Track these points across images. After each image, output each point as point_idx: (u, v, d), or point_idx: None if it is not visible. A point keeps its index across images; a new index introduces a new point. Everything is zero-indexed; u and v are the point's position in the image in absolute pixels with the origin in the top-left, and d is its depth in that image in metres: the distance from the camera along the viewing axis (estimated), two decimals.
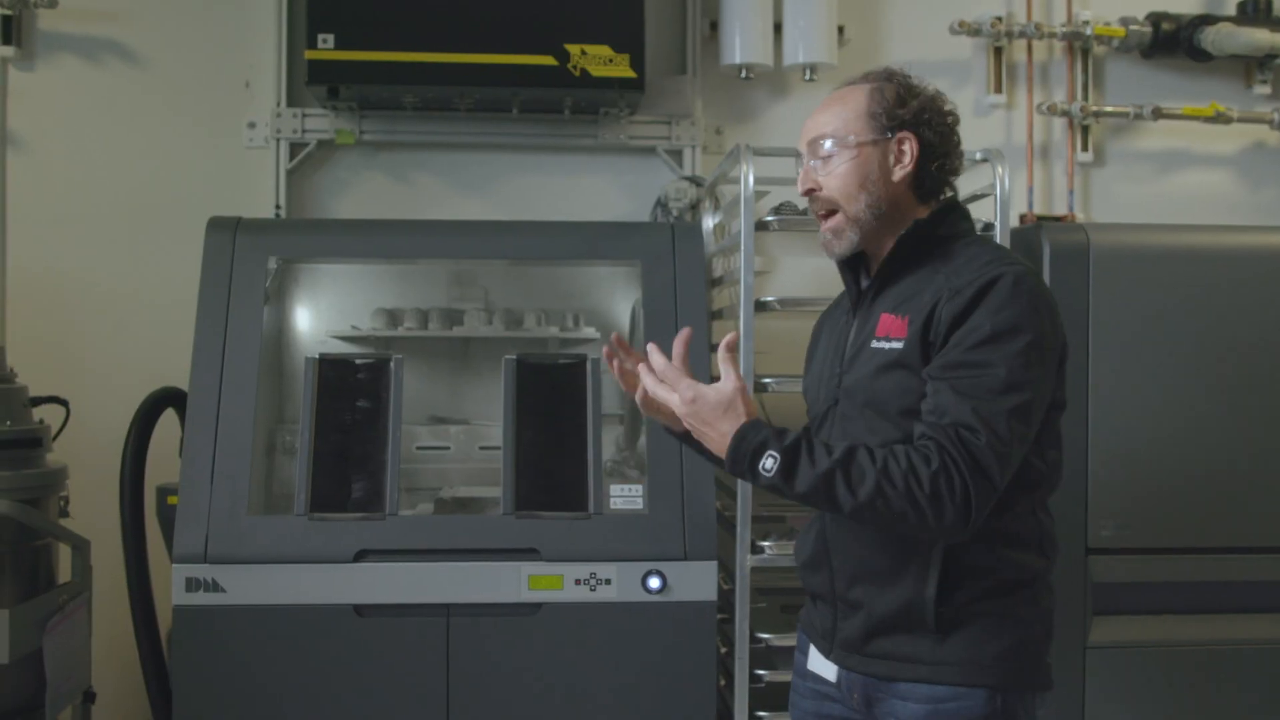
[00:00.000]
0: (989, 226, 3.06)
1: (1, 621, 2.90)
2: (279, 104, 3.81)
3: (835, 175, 2.07)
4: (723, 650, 3.12)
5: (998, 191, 3.02)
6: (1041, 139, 4.12)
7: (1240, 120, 4.07)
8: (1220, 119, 4.04)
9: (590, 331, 3.40)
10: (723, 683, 3.15)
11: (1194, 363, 3.05)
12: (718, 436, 1.99)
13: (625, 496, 2.94)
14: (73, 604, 3.17)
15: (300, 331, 3.47)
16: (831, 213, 2.09)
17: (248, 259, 3.05)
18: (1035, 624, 2.08)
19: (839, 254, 2.11)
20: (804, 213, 3.22)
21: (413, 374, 3.31)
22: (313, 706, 2.84)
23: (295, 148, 3.82)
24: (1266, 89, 4.16)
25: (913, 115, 2.07)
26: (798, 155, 2.14)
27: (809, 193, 2.11)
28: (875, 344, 2.06)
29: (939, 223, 2.09)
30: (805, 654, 2.29)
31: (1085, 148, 4.10)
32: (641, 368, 2.07)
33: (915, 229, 2.07)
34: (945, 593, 2.01)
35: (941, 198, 2.12)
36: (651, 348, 2.06)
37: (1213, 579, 3.04)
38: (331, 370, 2.99)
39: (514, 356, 3.01)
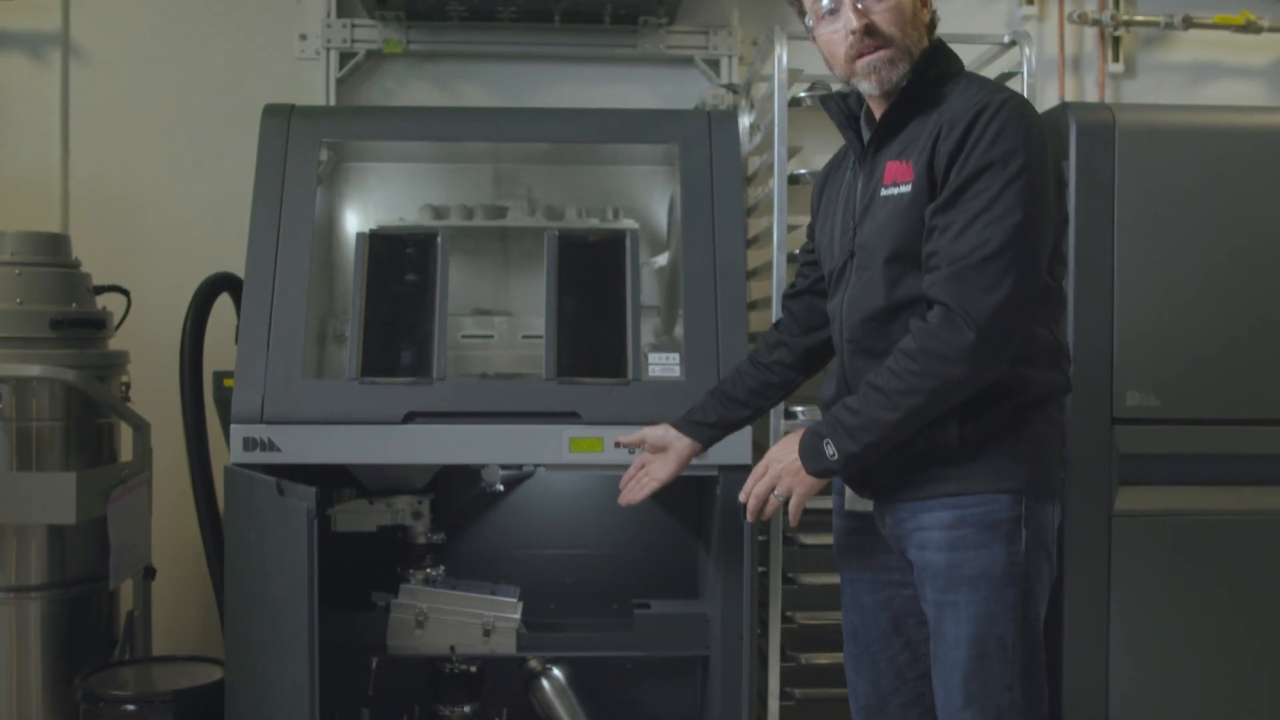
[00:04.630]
0: None
1: (69, 483, 3.04)
2: (329, 14, 3.94)
3: (890, 9, 2.16)
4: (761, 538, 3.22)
5: (1025, 71, 3.10)
6: (1073, 50, 4.18)
7: (1270, 30, 4.11)
8: (1251, 28, 4.08)
9: (629, 223, 3.49)
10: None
11: (1223, 237, 3.07)
12: (795, 461, 2.17)
13: (663, 364, 3.05)
14: (135, 479, 3.31)
15: (349, 230, 3.59)
16: (881, 47, 2.16)
17: (301, 142, 3.17)
18: (1053, 437, 2.19)
19: (891, 83, 2.17)
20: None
21: (457, 268, 3.41)
22: None
23: (344, 58, 3.95)
24: None
25: None
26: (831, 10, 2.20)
27: (865, 27, 2.15)
28: (885, 192, 2.17)
29: (930, 64, 2.18)
30: (842, 495, 2.41)
31: (1116, 59, 4.16)
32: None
33: (913, 76, 2.17)
34: (968, 420, 2.11)
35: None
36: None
37: (1239, 451, 3.08)
38: (381, 245, 3.11)
39: (555, 231, 3.12)
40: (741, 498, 2.27)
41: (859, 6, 2.16)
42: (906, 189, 2.13)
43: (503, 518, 3.42)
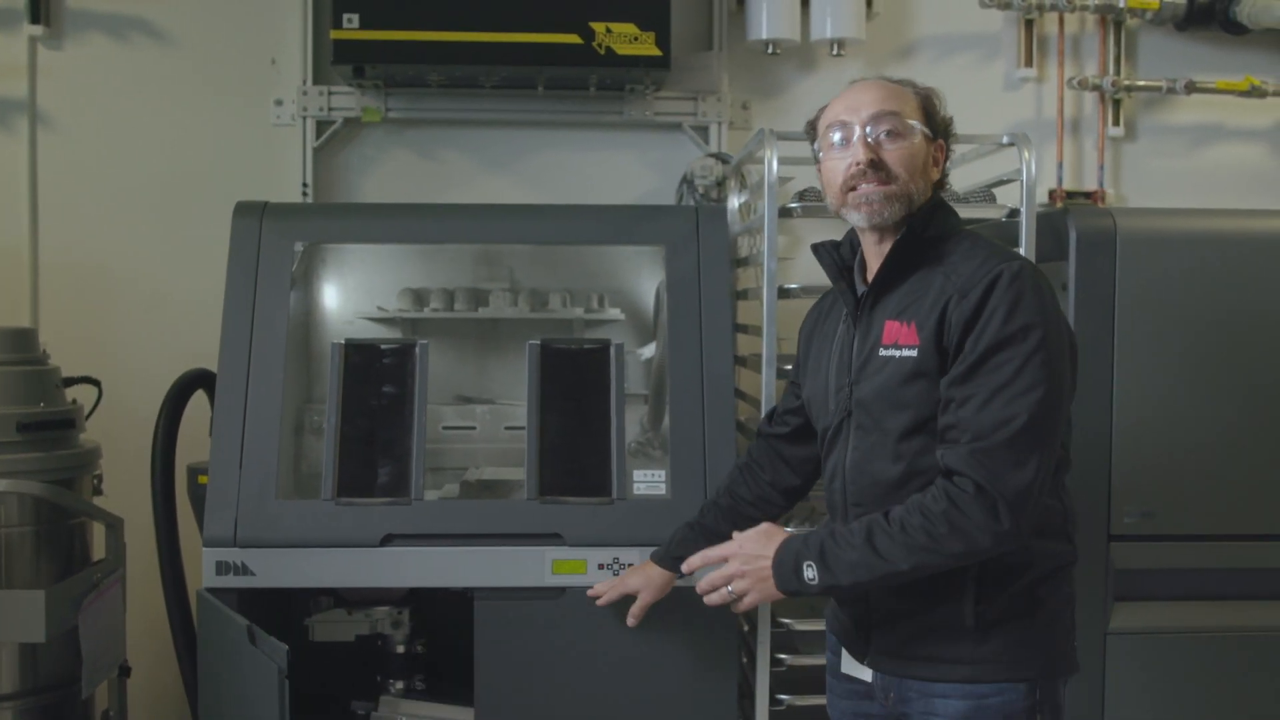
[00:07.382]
0: (1015, 212, 3.04)
1: (37, 602, 2.94)
2: (305, 81, 3.81)
3: (902, 150, 2.11)
4: (745, 628, 3.16)
5: (1024, 176, 2.98)
6: (1072, 113, 4.07)
7: (1275, 94, 4.00)
8: (1255, 93, 3.98)
9: (615, 313, 3.41)
10: (745, 660, 3.19)
11: (1221, 349, 3.02)
12: (765, 568, 2.14)
13: (648, 482, 2.96)
14: (107, 581, 3.22)
15: (327, 311, 3.49)
16: (883, 183, 2.11)
17: (274, 244, 3.06)
18: (1065, 612, 2.15)
19: (883, 219, 2.12)
20: None
21: (438, 354, 3.32)
22: None
23: (322, 125, 3.83)
24: None
25: (945, 125, 2.19)
26: (841, 124, 2.14)
27: (870, 161, 2.10)
28: (884, 352, 2.11)
29: (928, 223, 2.13)
30: (837, 655, 2.33)
31: (1116, 122, 4.05)
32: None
33: (909, 231, 2.12)
34: (984, 599, 2.06)
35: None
36: None
37: (1235, 565, 3.04)
38: (357, 355, 3.01)
39: (537, 342, 3.01)
40: (692, 565, 2.40)
41: (869, 141, 2.12)
42: (910, 353, 2.06)
43: None
